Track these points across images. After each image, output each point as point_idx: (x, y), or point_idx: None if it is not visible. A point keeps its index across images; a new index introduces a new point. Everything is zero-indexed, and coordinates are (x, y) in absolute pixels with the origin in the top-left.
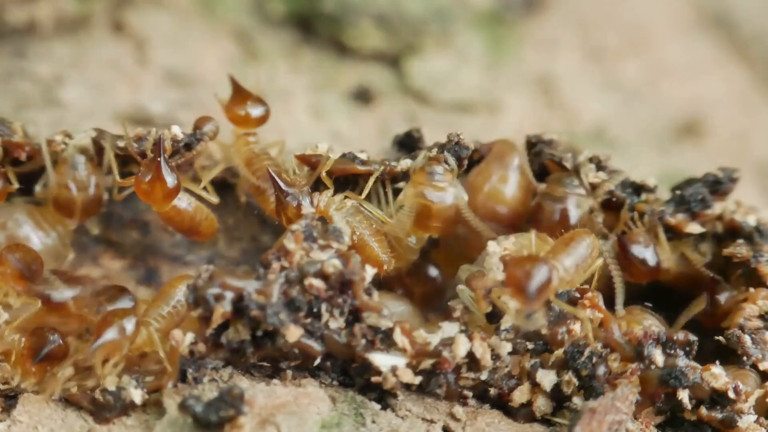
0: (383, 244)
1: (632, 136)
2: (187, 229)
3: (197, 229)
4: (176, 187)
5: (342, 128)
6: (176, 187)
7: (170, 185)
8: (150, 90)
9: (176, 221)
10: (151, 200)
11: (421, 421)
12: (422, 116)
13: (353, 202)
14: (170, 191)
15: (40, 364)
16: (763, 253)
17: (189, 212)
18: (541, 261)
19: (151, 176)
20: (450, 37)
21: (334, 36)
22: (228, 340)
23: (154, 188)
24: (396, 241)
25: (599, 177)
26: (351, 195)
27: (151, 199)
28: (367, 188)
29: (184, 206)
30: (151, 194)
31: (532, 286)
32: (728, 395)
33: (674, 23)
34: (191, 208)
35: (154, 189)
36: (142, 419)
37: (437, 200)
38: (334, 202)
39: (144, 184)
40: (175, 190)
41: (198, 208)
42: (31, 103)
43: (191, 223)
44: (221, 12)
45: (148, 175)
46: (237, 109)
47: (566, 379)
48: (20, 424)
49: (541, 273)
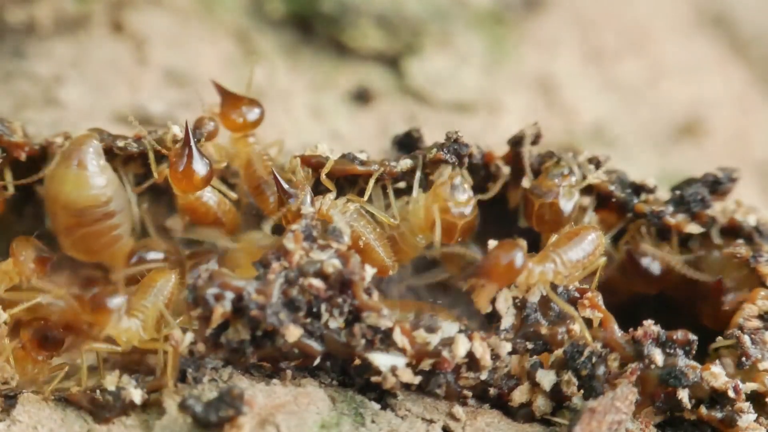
0: (387, 249)
1: (632, 136)
2: (212, 222)
3: (221, 222)
4: (210, 172)
5: (341, 128)
6: (210, 172)
7: (205, 170)
8: (150, 90)
9: (201, 213)
10: (186, 187)
11: (421, 421)
12: (422, 116)
13: (356, 205)
14: (205, 177)
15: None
16: (762, 253)
17: (213, 205)
18: (511, 243)
19: (185, 163)
20: (450, 37)
21: (333, 36)
22: (228, 340)
23: (190, 175)
24: (402, 239)
25: (599, 177)
26: (354, 198)
27: (187, 185)
28: (369, 190)
29: (209, 198)
30: (187, 181)
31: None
32: (728, 395)
33: (674, 23)
34: (215, 201)
35: (190, 175)
36: (142, 419)
37: (462, 215)
38: (337, 205)
39: (179, 172)
40: (209, 175)
41: (221, 200)
42: (30, 103)
43: (215, 216)
44: (220, 12)
45: (182, 163)
46: (232, 117)
47: (566, 379)
48: (20, 424)
49: (518, 252)
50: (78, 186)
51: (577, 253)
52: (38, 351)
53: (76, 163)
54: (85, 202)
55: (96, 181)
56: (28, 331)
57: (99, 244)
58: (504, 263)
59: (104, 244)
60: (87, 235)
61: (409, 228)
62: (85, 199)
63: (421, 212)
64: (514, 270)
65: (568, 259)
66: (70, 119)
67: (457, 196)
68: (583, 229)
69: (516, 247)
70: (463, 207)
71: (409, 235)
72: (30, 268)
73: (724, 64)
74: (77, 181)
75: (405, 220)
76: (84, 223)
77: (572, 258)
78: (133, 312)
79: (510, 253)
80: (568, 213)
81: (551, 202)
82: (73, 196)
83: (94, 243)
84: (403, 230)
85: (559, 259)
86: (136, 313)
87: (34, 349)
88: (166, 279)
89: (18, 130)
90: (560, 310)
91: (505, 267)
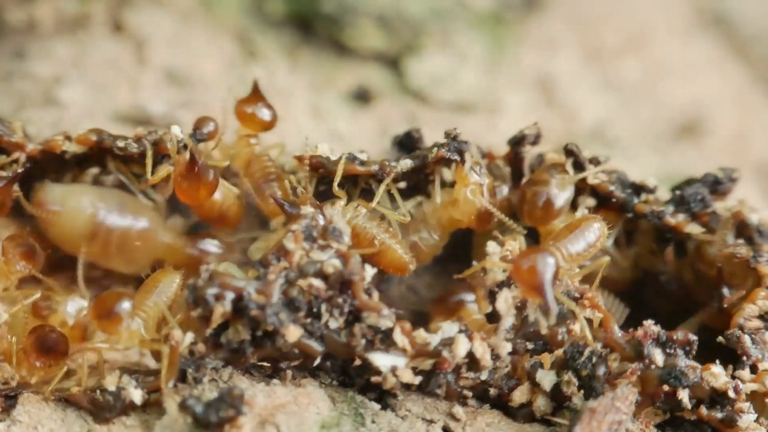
0: (405, 245)
1: (632, 136)
2: (217, 216)
3: (225, 215)
4: (215, 183)
5: (341, 128)
6: (215, 183)
7: (210, 184)
8: (150, 90)
9: (206, 208)
10: (193, 200)
11: (421, 421)
12: (422, 116)
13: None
14: (210, 189)
15: (45, 357)
16: (762, 253)
17: (219, 200)
18: (545, 252)
19: (190, 178)
20: (450, 37)
21: (333, 36)
22: (228, 340)
23: (196, 189)
24: (421, 240)
25: (599, 177)
26: (363, 203)
27: (194, 199)
28: (378, 195)
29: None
30: (194, 195)
31: (543, 282)
32: (728, 395)
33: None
34: (221, 195)
35: (196, 190)
36: (142, 419)
37: (493, 194)
38: (348, 211)
39: (185, 186)
40: (214, 186)
41: (227, 194)
42: (31, 103)
43: (220, 211)
44: (221, 12)
45: (187, 178)
46: (246, 107)
47: (566, 379)
48: (20, 424)
49: (549, 265)
50: (65, 223)
51: (580, 245)
52: (37, 358)
53: (45, 212)
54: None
55: (78, 205)
56: (32, 335)
57: (135, 250)
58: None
59: (139, 248)
60: (118, 248)
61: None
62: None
63: (452, 206)
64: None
65: (569, 252)
66: (70, 119)
67: (483, 180)
68: (584, 219)
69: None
70: (490, 190)
71: (428, 237)
72: (20, 264)
73: (724, 64)
74: (61, 221)
75: (423, 221)
76: (104, 242)
77: (574, 250)
78: (136, 311)
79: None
80: (559, 206)
81: (541, 191)
82: (69, 231)
83: (130, 253)
84: (423, 233)
85: (559, 253)
86: (138, 312)
87: (34, 355)
88: (169, 279)
89: (18, 130)
90: (560, 310)
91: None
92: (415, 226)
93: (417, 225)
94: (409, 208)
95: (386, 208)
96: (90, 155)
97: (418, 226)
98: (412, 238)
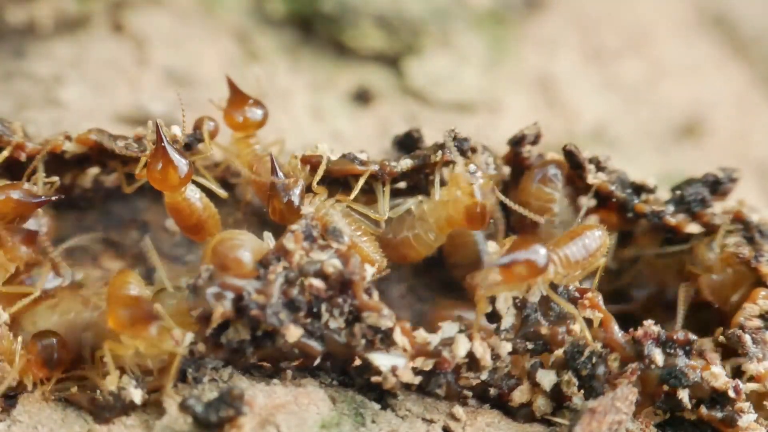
0: (374, 245)
1: (632, 136)
2: (193, 225)
3: (202, 226)
4: (189, 170)
5: (342, 128)
6: (189, 170)
7: (183, 168)
8: (150, 90)
9: (185, 215)
10: (165, 187)
11: (421, 421)
12: (422, 116)
13: (343, 205)
14: (184, 175)
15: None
16: (763, 252)
17: (198, 208)
18: (539, 245)
19: (162, 163)
20: (450, 37)
21: (333, 36)
22: (228, 340)
23: (167, 174)
24: (416, 240)
25: (599, 177)
26: (342, 198)
27: (166, 185)
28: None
29: (195, 200)
30: (166, 181)
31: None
32: (728, 394)
33: (674, 23)
34: (201, 204)
35: (167, 175)
36: (142, 419)
37: (484, 197)
38: (325, 206)
39: (156, 173)
40: (188, 174)
41: (207, 205)
42: (31, 103)
43: (198, 220)
44: (221, 12)
45: (159, 163)
46: (235, 115)
47: (566, 379)
48: (20, 424)
49: (540, 254)
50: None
51: (579, 252)
52: (40, 368)
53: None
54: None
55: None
56: (37, 344)
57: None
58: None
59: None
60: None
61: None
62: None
63: (449, 205)
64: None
65: (568, 259)
66: (70, 119)
67: (477, 179)
68: (586, 228)
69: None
70: (485, 189)
71: (424, 235)
72: (22, 250)
73: (725, 64)
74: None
75: (422, 220)
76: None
77: (573, 257)
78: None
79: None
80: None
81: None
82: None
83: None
84: (418, 230)
85: (558, 259)
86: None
87: (37, 365)
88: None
89: (18, 130)
90: (560, 310)
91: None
92: (411, 222)
93: (413, 221)
94: (410, 205)
95: (362, 206)
96: (90, 155)
97: (414, 223)
98: (405, 234)
